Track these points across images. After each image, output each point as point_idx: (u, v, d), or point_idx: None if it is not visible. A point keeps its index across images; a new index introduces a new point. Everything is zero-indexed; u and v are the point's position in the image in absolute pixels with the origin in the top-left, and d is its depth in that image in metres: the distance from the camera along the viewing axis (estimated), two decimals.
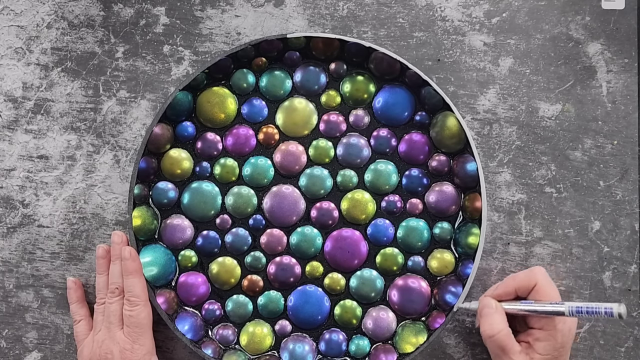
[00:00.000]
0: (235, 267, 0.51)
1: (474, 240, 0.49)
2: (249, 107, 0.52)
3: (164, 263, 0.50)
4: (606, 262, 0.52)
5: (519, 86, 0.53)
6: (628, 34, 0.53)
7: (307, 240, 0.51)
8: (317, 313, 0.50)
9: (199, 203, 0.51)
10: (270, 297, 0.51)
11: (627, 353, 0.51)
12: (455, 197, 0.50)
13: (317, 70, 0.52)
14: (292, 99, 0.52)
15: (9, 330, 0.52)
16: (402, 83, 0.51)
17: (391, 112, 0.51)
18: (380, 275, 0.51)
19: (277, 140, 0.52)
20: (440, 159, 0.51)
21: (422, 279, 0.50)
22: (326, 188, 0.51)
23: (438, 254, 0.51)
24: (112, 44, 0.54)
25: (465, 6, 0.53)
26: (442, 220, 0.51)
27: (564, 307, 0.42)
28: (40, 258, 0.53)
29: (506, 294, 0.46)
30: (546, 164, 0.53)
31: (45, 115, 0.53)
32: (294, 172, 0.51)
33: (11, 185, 0.53)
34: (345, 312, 0.50)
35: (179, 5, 0.54)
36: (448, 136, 0.50)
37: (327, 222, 0.51)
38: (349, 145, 0.51)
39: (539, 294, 0.45)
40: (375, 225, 0.51)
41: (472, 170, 0.49)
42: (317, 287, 0.51)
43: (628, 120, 0.53)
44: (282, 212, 0.51)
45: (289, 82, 0.52)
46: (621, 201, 0.52)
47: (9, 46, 0.54)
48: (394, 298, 0.50)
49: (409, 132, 0.51)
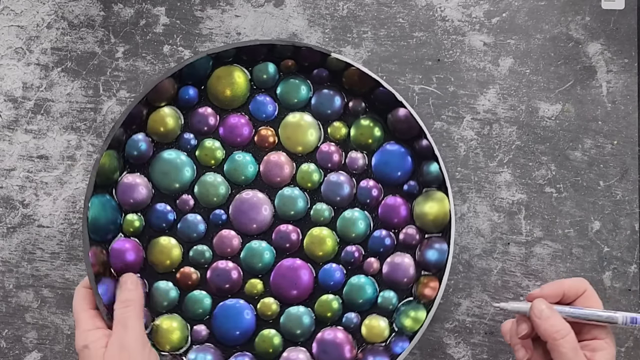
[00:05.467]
0: (177, 252, 0.48)
1: (410, 324, 0.47)
2: (258, 102, 0.49)
3: (110, 217, 0.46)
4: (606, 262, 0.52)
5: (519, 86, 0.53)
6: (628, 34, 0.53)
7: (258, 255, 0.48)
8: (237, 329, 0.47)
9: (167, 170, 0.48)
10: (197, 298, 0.48)
11: (627, 353, 0.51)
12: (411, 273, 0.48)
13: (338, 99, 0.49)
14: (302, 114, 0.49)
15: (8, 330, 0.52)
16: (411, 147, 0.49)
17: (385, 170, 0.49)
18: (313, 319, 0.48)
19: (270, 144, 0.49)
20: (411, 232, 0.49)
21: (347, 337, 0.48)
22: (298, 212, 0.49)
23: (374, 320, 0.48)
24: (112, 44, 0.54)
25: (465, 6, 0.53)
26: (391, 289, 0.49)
27: (619, 315, 0.41)
28: (40, 258, 0.53)
29: (555, 296, 0.43)
30: (546, 164, 0.53)
31: (45, 115, 0.53)
32: (274, 184, 0.49)
33: (11, 185, 0.53)
34: (263, 342, 0.48)
35: (179, 5, 0.54)
36: (431, 219, 0.48)
37: (285, 245, 0.49)
38: (334, 182, 0.49)
39: (589, 301, 0.42)
40: (328, 269, 0.49)
41: (438, 259, 0.47)
42: (249, 305, 0.48)
43: (628, 120, 0.53)
44: (247, 218, 0.48)
45: (306, 95, 0.49)
46: (621, 201, 0.52)
47: (9, 46, 0.54)
48: (314, 349, 0.48)
49: (394, 195, 0.49)
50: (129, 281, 0.45)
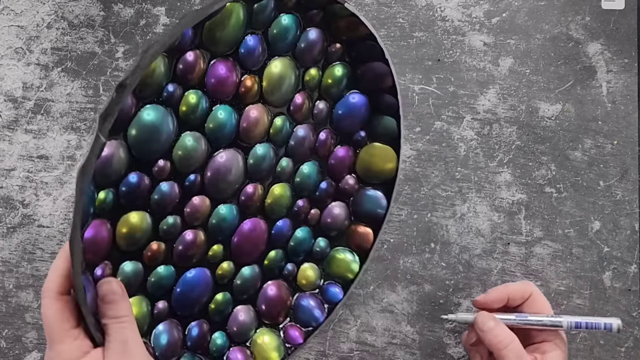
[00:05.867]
0: (146, 227, 0.42)
1: (339, 271, 0.50)
2: (248, 46, 0.43)
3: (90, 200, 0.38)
4: (606, 262, 0.52)
5: (519, 86, 0.53)
6: (628, 34, 0.53)
7: (226, 220, 0.46)
8: (198, 302, 0.47)
9: (148, 136, 0.40)
10: (161, 274, 0.44)
11: (627, 353, 0.51)
12: (345, 222, 0.51)
13: (321, 43, 0.46)
14: (285, 60, 0.45)
15: (8, 330, 0.52)
16: None
17: (346, 120, 0.49)
18: (260, 275, 0.49)
19: (253, 95, 0.44)
20: (352, 182, 0.51)
21: (285, 287, 0.50)
22: (267, 171, 0.46)
23: (307, 269, 0.51)
24: (112, 44, 0.54)
25: (465, 6, 0.53)
26: (325, 237, 0.51)
27: (563, 320, 0.42)
28: (40, 258, 0.53)
29: (499, 301, 0.45)
30: (546, 164, 0.53)
31: (45, 115, 0.53)
32: (250, 140, 0.45)
33: (11, 185, 0.53)
34: (216, 306, 0.48)
35: (179, 5, 0.54)
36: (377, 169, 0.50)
37: (249, 206, 0.46)
38: (301, 137, 0.47)
39: (535, 304, 0.44)
40: (281, 225, 0.49)
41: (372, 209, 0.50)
42: (209, 272, 0.47)
43: (628, 120, 0.53)
44: (224, 183, 0.44)
45: (295, 38, 0.44)
46: (621, 201, 0.52)
47: (9, 46, 0.54)
48: (261, 300, 0.50)
49: (342, 145, 0.50)
50: (115, 288, 0.36)
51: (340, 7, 0.43)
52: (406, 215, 0.53)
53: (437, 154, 0.53)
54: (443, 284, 0.52)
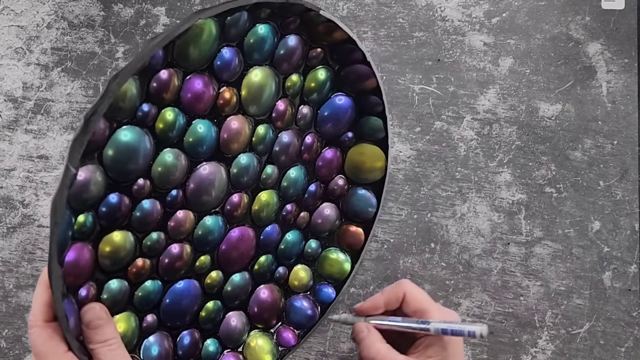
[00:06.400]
0: (130, 246, 0.41)
1: (331, 270, 0.50)
2: (224, 58, 0.42)
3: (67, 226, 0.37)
4: (606, 262, 0.52)
5: (519, 86, 0.53)
6: (628, 34, 0.53)
7: (212, 232, 0.45)
8: (187, 312, 0.47)
9: (125, 157, 0.39)
10: (148, 289, 0.44)
11: (627, 353, 0.51)
12: (336, 223, 0.51)
13: (301, 50, 0.45)
14: (264, 70, 0.44)
15: (9, 330, 0.52)
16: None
17: (331, 123, 0.49)
18: (251, 281, 0.49)
19: (231, 107, 0.43)
20: (341, 182, 0.51)
21: (277, 290, 0.50)
22: (251, 179, 0.46)
23: (300, 270, 0.51)
24: (112, 44, 0.53)
25: (465, 6, 0.53)
26: (316, 238, 0.51)
27: (431, 327, 0.42)
28: (40, 258, 0.53)
29: (373, 309, 0.46)
30: (546, 164, 0.53)
31: (45, 115, 0.53)
32: (232, 151, 0.44)
33: (11, 185, 0.53)
34: (208, 314, 0.48)
35: (179, 5, 0.54)
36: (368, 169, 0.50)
37: (235, 215, 0.46)
38: (285, 143, 0.47)
39: (409, 304, 0.44)
40: (270, 231, 0.49)
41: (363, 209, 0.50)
42: (197, 284, 0.46)
43: (628, 120, 0.53)
44: (206, 196, 0.44)
45: (273, 47, 0.44)
46: (621, 201, 0.52)
47: (9, 46, 0.54)
48: (253, 305, 0.50)
49: (330, 147, 0.50)
50: (99, 314, 0.37)
51: (315, 14, 0.43)
52: (406, 215, 0.53)
53: (437, 154, 0.53)
54: (443, 284, 0.52)
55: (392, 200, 0.53)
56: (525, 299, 0.52)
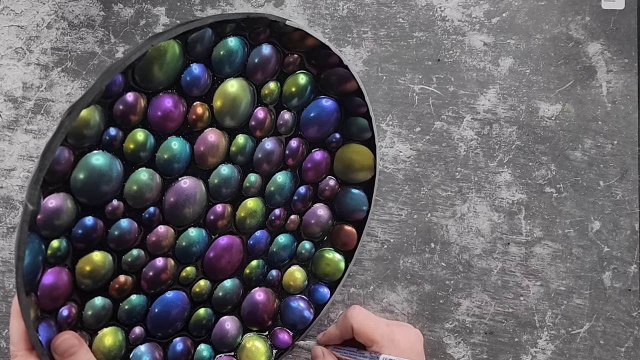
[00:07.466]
0: (109, 265, 0.42)
1: (326, 270, 0.51)
2: (192, 74, 0.41)
3: (37, 253, 0.37)
4: (606, 262, 0.52)
5: (519, 86, 0.53)
6: (628, 34, 0.53)
7: (194, 244, 0.45)
8: (176, 321, 0.46)
9: (94, 180, 0.39)
10: (133, 303, 0.44)
11: (627, 353, 0.51)
12: (328, 223, 0.51)
13: (275, 58, 0.44)
14: (236, 81, 0.43)
15: (9, 330, 0.52)
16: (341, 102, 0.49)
17: (315, 126, 0.48)
18: (241, 286, 0.49)
19: (204, 122, 0.43)
20: (332, 183, 0.51)
21: (270, 293, 0.50)
22: (232, 189, 0.46)
23: (294, 271, 0.51)
24: (112, 44, 0.53)
25: (465, 6, 0.53)
26: (309, 240, 0.51)
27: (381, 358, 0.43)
28: None
29: (331, 340, 0.47)
30: (546, 164, 0.53)
31: (45, 115, 0.53)
32: (209, 165, 0.44)
33: (11, 185, 0.53)
34: (198, 321, 0.48)
35: (179, 5, 0.54)
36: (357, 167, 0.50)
37: (218, 225, 0.46)
38: (267, 150, 0.46)
39: (359, 336, 0.45)
40: (259, 237, 0.49)
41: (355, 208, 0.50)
42: (184, 294, 0.46)
43: (628, 120, 0.53)
44: (184, 211, 0.44)
45: (243, 58, 0.43)
46: (621, 201, 0.52)
47: (9, 46, 0.54)
48: (246, 308, 0.50)
49: (317, 149, 0.49)
50: (72, 342, 0.38)
51: (282, 24, 0.42)
52: (406, 215, 0.53)
53: (437, 154, 0.53)
54: (443, 284, 0.52)
55: (392, 200, 0.53)
56: (525, 299, 0.52)
